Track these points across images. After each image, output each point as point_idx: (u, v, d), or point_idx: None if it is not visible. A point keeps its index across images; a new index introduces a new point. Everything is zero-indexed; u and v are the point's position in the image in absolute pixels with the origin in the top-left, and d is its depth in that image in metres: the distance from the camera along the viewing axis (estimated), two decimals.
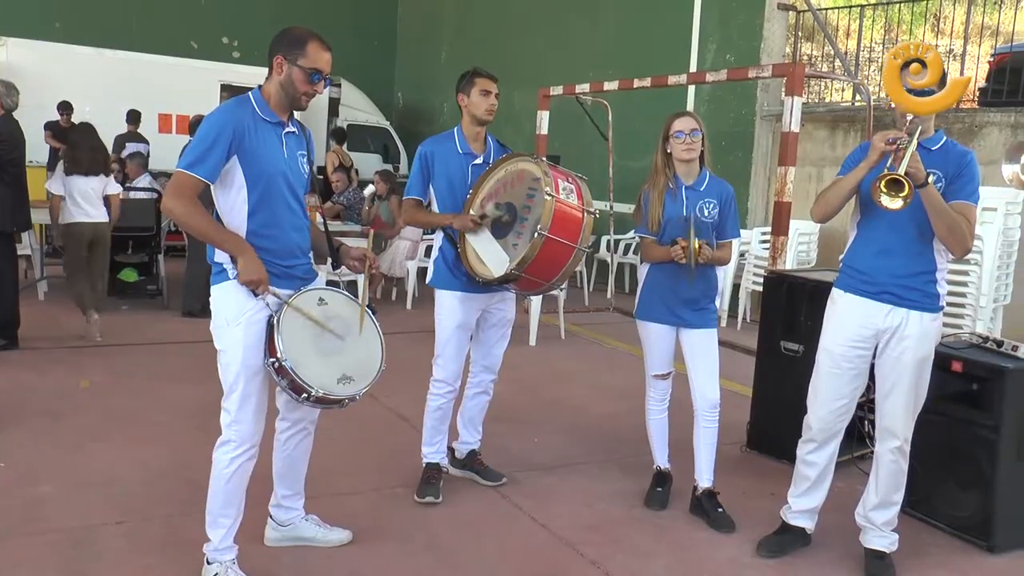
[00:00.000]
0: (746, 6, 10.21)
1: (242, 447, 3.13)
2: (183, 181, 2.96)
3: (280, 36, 3.13)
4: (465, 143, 4.10)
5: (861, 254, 3.54)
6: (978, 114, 8.81)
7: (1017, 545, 3.88)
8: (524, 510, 4.09)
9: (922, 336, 3.46)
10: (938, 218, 3.28)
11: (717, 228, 4.02)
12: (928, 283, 3.45)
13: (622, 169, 9.69)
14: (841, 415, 3.64)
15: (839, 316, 3.58)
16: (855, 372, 3.57)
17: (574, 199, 3.76)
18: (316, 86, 3.13)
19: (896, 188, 3.11)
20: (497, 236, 3.84)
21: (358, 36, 16.35)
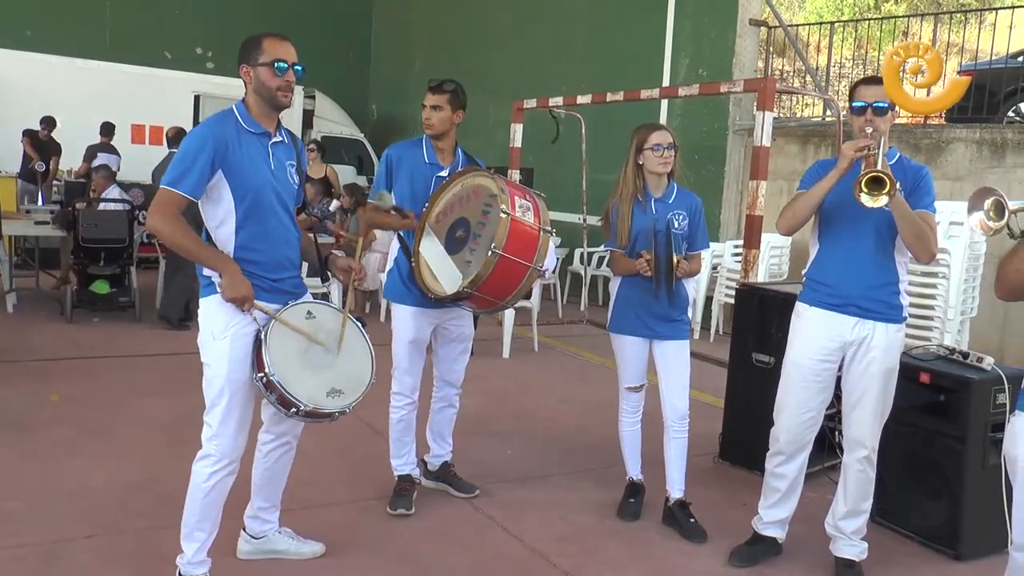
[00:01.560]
0: (718, 21, 10.33)
1: (222, 462, 3.11)
2: (166, 198, 2.94)
3: (240, 49, 3.14)
4: (433, 153, 4.07)
5: (826, 268, 3.59)
6: (945, 130, 8.95)
7: (983, 553, 3.93)
8: (497, 521, 4.10)
9: (888, 347, 3.52)
10: (908, 225, 3.35)
11: (688, 240, 4.06)
12: (892, 294, 3.53)
13: (596, 182, 9.75)
14: (809, 427, 3.69)
15: (806, 330, 3.62)
16: (823, 385, 3.62)
17: (530, 217, 3.67)
18: (285, 76, 3.08)
19: (877, 187, 3.15)
20: (450, 252, 3.78)
21: (332, 48, 16.35)
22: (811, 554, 3.89)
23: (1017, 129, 8.45)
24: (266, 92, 3.09)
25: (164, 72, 13.55)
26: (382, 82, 17.34)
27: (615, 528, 4.11)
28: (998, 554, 3.26)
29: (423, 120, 4.05)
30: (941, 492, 4.03)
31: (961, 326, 7.59)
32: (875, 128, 3.40)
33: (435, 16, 15.52)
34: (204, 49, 15.72)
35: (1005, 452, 2.92)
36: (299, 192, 3.31)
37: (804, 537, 3.98)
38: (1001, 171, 8.24)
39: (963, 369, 4.10)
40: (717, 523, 4.17)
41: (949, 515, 4.00)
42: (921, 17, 14.20)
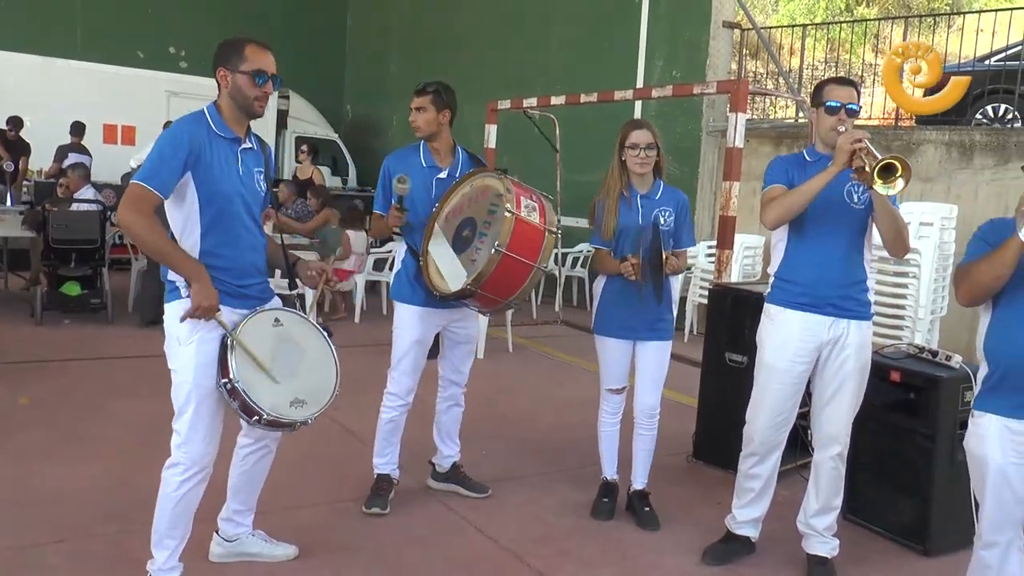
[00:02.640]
0: (692, 24, 10.39)
1: (191, 470, 3.07)
2: (138, 193, 2.89)
3: (218, 50, 3.10)
4: (430, 156, 4.10)
5: (799, 268, 3.60)
6: (915, 132, 9.06)
7: (951, 548, 3.99)
8: (471, 522, 4.10)
9: (861, 344, 3.57)
10: (891, 220, 3.39)
11: (674, 237, 4.06)
12: (862, 292, 3.58)
13: (570, 183, 9.78)
14: (782, 427, 3.72)
15: (780, 333, 3.62)
16: (797, 386, 3.65)
17: (536, 217, 3.72)
18: (264, 87, 3.07)
19: (890, 174, 3.14)
20: (457, 251, 3.81)
21: (307, 47, 16.24)
22: (784, 552, 3.92)
23: (985, 131, 8.56)
24: (242, 100, 3.07)
25: (136, 71, 13.41)
26: (357, 83, 17.27)
27: (589, 528, 4.13)
28: (965, 549, 3.30)
29: (411, 122, 4.09)
30: (911, 489, 4.09)
31: (931, 325, 7.69)
32: (847, 129, 3.42)
33: (410, 17, 15.48)
34: (177, 48, 15.58)
35: (971, 451, 2.97)
36: (266, 198, 3.28)
37: (777, 535, 4.01)
38: (970, 172, 8.35)
39: (932, 367, 4.16)
40: (691, 521, 4.21)
41: (918, 511, 4.05)
42: (892, 21, 14.35)
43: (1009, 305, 2.88)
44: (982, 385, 2.97)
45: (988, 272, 2.81)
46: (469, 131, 10.86)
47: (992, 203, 8.03)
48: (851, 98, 3.49)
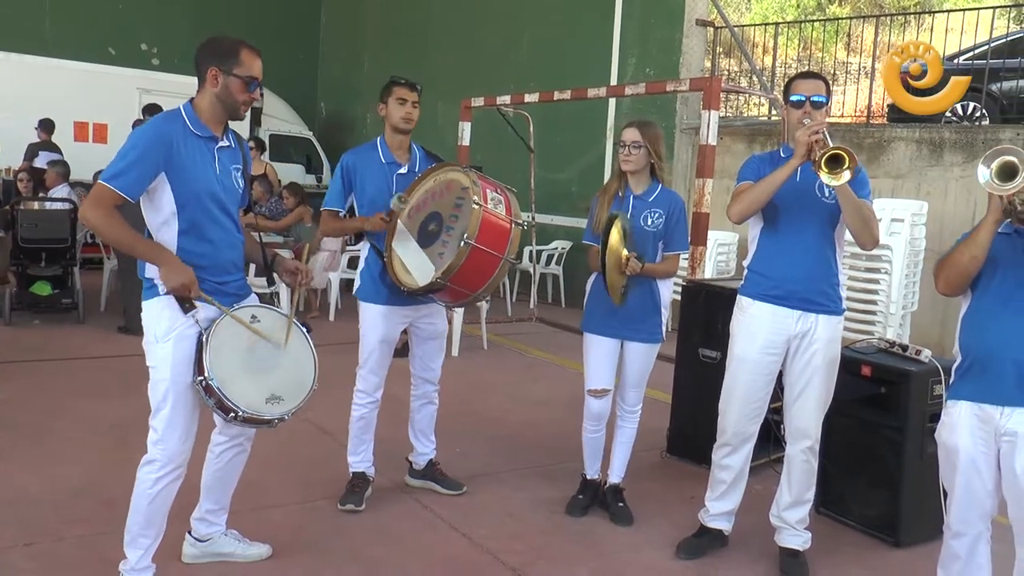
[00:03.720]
0: (665, 21, 10.42)
1: (167, 467, 3.06)
2: (102, 193, 2.88)
3: (209, 46, 3.07)
4: (388, 153, 4.09)
5: (771, 262, 3.63)
6: (887, 129, 9.14)
7: (920, 540, 4.03)
8: (446, 519, 4.10)
9: (830, 339, 3.60)
10: (856, 212, 3.41)
11: (664, 239, 4.04)
12: (832, 287, 3.60)
13: (544, 181, 9.80)
14: (754, 419, 3.74)
15: (751, 325, 3.66)
16: (768, 378, 3.68)
17: (502, 210, 3.74)
18: (253, 94, 3.08)
19: (837, 164, 3.18)
20: (423, 245, 3.81)
21: (281, 45, 16.13)
22: (757, 545, 3.95)
23: (954, 129, 8.66)
24: (231, 103, 3.06)
25: (108, 68, 13.25)
26: (331, 80, 17.19)
27: (564, 524, 4.13)
28: (935, 541, 3.34)
29: (404, 116, 4.04)
30: (881, 482, 4.13)
31: (903, 320, 7.77)
32: (813, 121, 3.45)
33: (384, 14, 15.43)
34: (149, 45, 15.43)
35: (942, 441, 3.02)
36: (244, 196, 3.27)
37: (750, 528, 4.04)
38: (940, 169, 8.44)
39: (902, 362, 4.20)
40: (664, 517, 4.22)
41: (889, 504, 4.10)
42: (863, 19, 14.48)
43: (981, 297, 2.93)
44: (954, 375, 3.02)
45: (964, 253, 2.86)
46: (443, 129, 10.90)
47: (961, 200, 8.12)
48: (816, 90, 3.52)
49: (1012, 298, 2.84)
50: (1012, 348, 2.81)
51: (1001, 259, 2.85)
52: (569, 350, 4.23)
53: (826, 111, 3.60)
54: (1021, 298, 2.82)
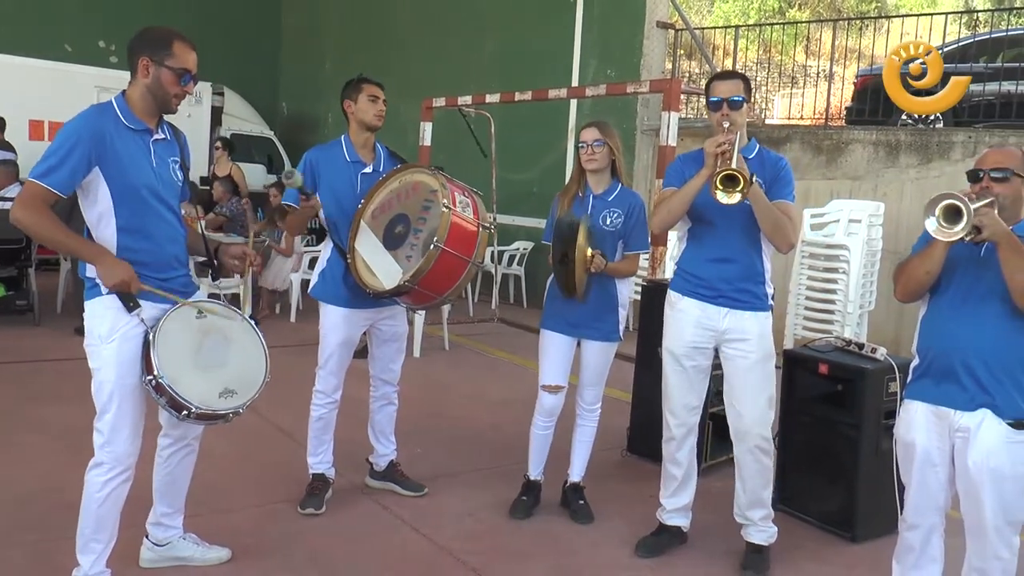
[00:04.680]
0: (626, 23, 10.47)
1: (115, 470, 3.02)
2: (33, 191, 2.83)
3: (141, 37, 3.02)
4: (353, 151, 4.07)
5: (696, 261, 3.70)
6: (844, 132, 9.27)
7: (876, 535, 4.09)
8: (406, 521, 4.08)
9: (761, 335, 3.64)
10: (765, 216, 3.47)
11: (624, 239, 4.06)
12: (758, 285, 3.65)
13: (505, 181, 9.79)
14: (692, 412, 3.80)
15: (678, 319, 3.73)
16: (697, 371, 3.74)
17: (470, 213, 3.74)
18: (187, 87, 3.03)
19: (731, 184, 3.25)
20: (389, 247, 3.79)
21: (241, 44, 15.99)
22: (714, 543, 3.98)
23: (910, 132, 8.80)
24: (162, 95, 3.01)
25: (64, 66, 13.01)
26: (292, 79, 17.05)
27: (523, 524, 4.13)
28: (890, 535, 3.39)
29: (376, 113, 4.04)
30: (838, 478, 4.18)
31: (860, 319, 7.87)
32: (732, 122, 3.51)
33: (345, 13, 15.34)
34: (107, 43, 15.17)
35: (899, 437, 3.08)
36: (184, 189, 3.22)
37: (709, 525, 4.08)
38: (896, 171, 8.58)
39: (858, 360, 4.25)
40: (624, 515, 4.24)
41: (845, 500, 4.15)
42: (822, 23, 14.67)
43: (938, 301, 2.99)
44: (911, 374, 3.08)
45: (919, 267, 2.92)
46: (406, 129, 10.86)
47: (917, 200, 8.26)
48: (733, 91, 3.56)
49: (967, 303, 2.89)
50: (966, 351, 2.87)
51: (958, 264, 2.90)
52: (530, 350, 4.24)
53: (748, 108, 3.63)
54: (976, 303, 2.87)
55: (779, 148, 8.94)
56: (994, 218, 2.73)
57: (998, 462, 2.82)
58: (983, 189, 2.87)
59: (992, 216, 2.73)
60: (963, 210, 2.66)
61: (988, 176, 2.88)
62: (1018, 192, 2.88)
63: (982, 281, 2.86)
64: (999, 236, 2.71)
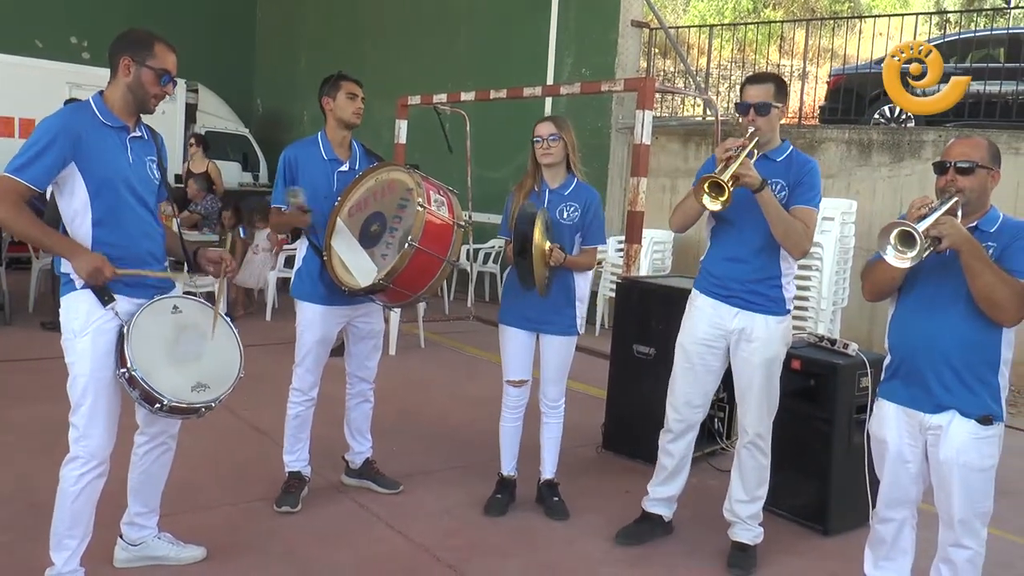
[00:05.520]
0: (601, 22, 10.51)
1: (90, 464, 3.02)
2: (7, 186, 2.85)
3: (123, 37, 3.06)
4: (330, 149, 4.07)
5: (714, 260, 3.74)
6: (818, 130, 9.36)
7: (848, 528, 4.14)
8: (382, 518, 4.08)
9: (768, 339, 3.64)
10: (776, 223, 3.48)
11: (581, 232, 4.08)
12: (773, 288, 3.65)
13: (481, 179, 9.81)
14: (695, 408, 3.82)
15: (694, 316, 3.77)
16: (706, 369, 3.75)
17: (445, 212, 3.75)
18: (166, 88, 3.08)
19: (717, 191, 3.30)
20: (365, 245, 3.80)
21: (216, 40, 15.87)
22: (692, 538, 4.03)
23: (882, 131, 8.90)
24: (142, 95, 3.05)
25: (34, 62, 12.85)
26: (267, 76, 16.95)
27: (499, 521, 4.14)
28: (862, 528, 3.44)
29: (355, 111, 4.04)
30: (811, 472, 4.22)
31: (833, 316, 7.96)
32: (757, 127, 3.53)
33: (320, 10, 15.29)
34: (79, 39, 15.01)
35: (873, 433, 3.13)
36: (161, 188, 3.23)
37: (686, 521, 4.12)
38: (868, 169, 8.67)
39: (831, 355, 4.30)
40: (600, 510, 4.26)
41: (818, 494, 4.20)
42: (795, 23, 14.79)
43: (905, 301, 3.04)
44: (884, 373, 3.12)
45: (885, 273, 2.96)
46: (380, 126, 10.85)
47: (888, 198, 8.36)
48: (761, 96, 3.57)
49: (934, 304, 2.93)
50: (933, 354, 2.91)
51: (924, 267, 2.92)
52: None
53: (779, 112, 3.63)
54: (942, 305, 2.91)
55: None
56: (954, 226, 2.75)
57: (968, 458, 2.87)
58: (948, 181, 2.91)
59: (952, 224, 2.75)
60: (915, 235, 2.69)
61: (953, 168, 2.91)
62: (983, 184, 2.92)
63: (947, 283, 2.89)
64: (960, 244, 2.74)
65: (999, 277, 2.74)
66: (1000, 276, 2.74)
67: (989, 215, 2.94)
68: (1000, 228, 2.90)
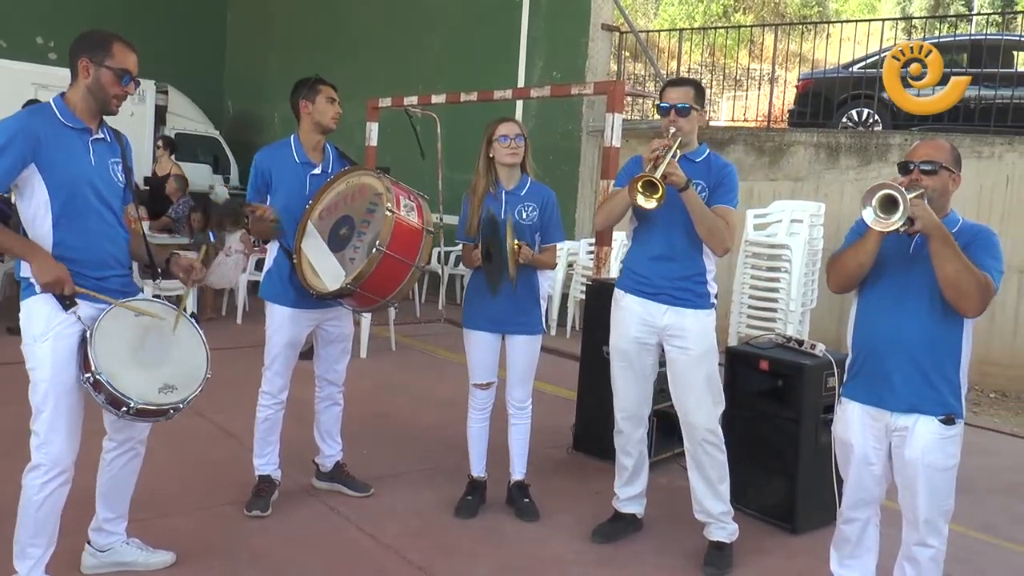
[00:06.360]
0: (571, 25, 10.55)
1: (53, 471, 2.97)
2: None
3: (81, 39, 3.03)
4: (303, 152, 4.05)
5: (640, 259, 3.79)
6: (787, 134, 9.46)
7: (815, 526, 4.18)
8: (352, 521, 4.07)
9: (702, 330, 3.71)
10: (699, 220, 3.55)
11: (540, 231, 4.11)
12: (699, 284, 3.73)
13: (451, 182, 9.79)
14: (640, 404, 3.90)
15: (623, 315, 3.82)
16: (643, 366, 3.83)
17: (414, 217, 3.75)
18: (127, 88, 3.05)
19: (651, 190, 3.35)
20: (334, 249, 3.79)
21: (186, 41, 15.76)
22: (661, 537, 4.07)
23: (850, 134, 9.01)
24: (102, 96, 3.02)
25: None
26: (238, 78, 16.84)
27: (470, 523, 4.15)
28: (828, 526, 3.48)
29: (334, 116, 4.05)
30: (779, 471, 4.26)
31: (802, 317, 8.04)
32: (678, 128, 3.60)
33: (292, 11, 15.22)
34: (45, 39, 14.83)
35: (837, 435, 3.16)
36: (126, 191, 3.20)
37: (654, 520, 4.14)
38: (836, 172, 8.77)
39: (798, 356, 4.35)
40: (570, 511, 4.28)
41: (786, 492, 4.24)
42: (764, 27, 14.94)
43: (868, 297, 3.07)
44: (847, 372, 3.15)
45: (852, 259, 2.99)
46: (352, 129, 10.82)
47: (856, 201, 8.35)
48: (682, 98, 3.65)
49: (898, 301, 2.96)
50: (896, 352, 2.94)
51: (889, 260, 2.97)
52: None
53: (698, 115, 3.71)
54: (905, 299, 2.94)
55: (723, 149, 9.08)
56: (926, 209, 2.80)
57: (932, 458, 2.91)
58: (912, 181, 2.96)
59: (924, 207, 2.80)
60: (899, 200, 2.72)
61: (918, 168, 2.96)
62: (945, 185, 2.97)
63: (912, 279, 2.93)
64: (930, 228, 2.79)
65: (966, 265, 2.78)
66: (967, 264, 2.79)
67: (950, 217, 2.99)
68: (960, 230, 2.96)
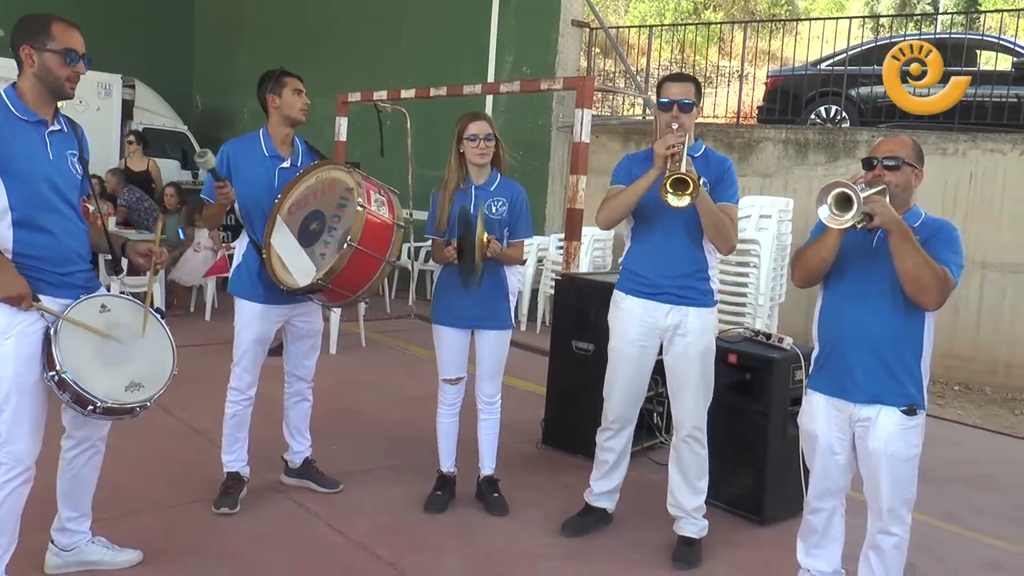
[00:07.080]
0: (541, 21, 10.55)
1: (15, 470, 2.93)
2: None
3: (19, 26, 2.95)
4: (272, 145, 4.01)
5: (639, 259, 3.78)
6: (756, 130, 9.53)
7: (783, 517, 4.23)
8: (321, 517, 4.05)
9: (702, 330, 3.72)
10: (708, 217, 3.54)
11: (509, 227, 4.10)
12: (701, 281, 3.72)
13: (421, 177, 9.77)
14: (633, 405, 3.89)
15: (624, 317, 3.80)
16: (640, 368, 3.82)
17: (385, 212, 3.73)
18: (76, 67, 2.94)
19: (681, 187, 3.32)
20: (304, 244, 3.76)
21: (153, 35, 15.55)
22: (632, 530, 4.09)
23: (818, 131, 9.10)
24: (52, 81, 2.93)
25: None
26: (206, 73, 16.65)
27: (439, 518, 4.14)
28: (796, 517, 3.52)
29: (302, 107, 4.00)
30: (747, 464, 4.30)
31: (771, 311, 8.11)
32: (680, 124, 3.57)
33: (260, 5, 15.07)
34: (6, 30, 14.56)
35: (803, 426, 3.20)
36: (84, 183, 3.14)
37: (625, 515, 4.16)
38: (804, 168, 8.85)
39: (766, 349, 4.39)
40: (540, 505, 4.29)
41: (754, 484, 4.27)
42: (734, 25, 15.02)
43: (832, 290, 3.11)
44: (813, 364, 3.19)
45: (815, 254, 3.03)
46: (321, 124, 10.75)
47: None
48: (684, 94, 3.63)
49: (861, 295, 3.00)
50: (859, 345, 2.98)
51: (851, 254, 3.01)
52: None
53: (697, 111, 3.71)
54: (868, 293, 2.98)
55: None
56: (885, 205, 2.84)
57: (895, 448, 2.96)
58: (875, 176, 2.99)
59: (883, 204, 2.84)
60: (853, 198, 2.76)
61: (881, 164, 2.99)
62: (908, 181, 3.01)
63: (874, 272, 2.97)
64: (890, 223, 2.82)
65: (925, 259, 2.82)
66: (926, 258, 2.82)
67: (912, 212, 3.03)
68: (922, 224, 3.00)
